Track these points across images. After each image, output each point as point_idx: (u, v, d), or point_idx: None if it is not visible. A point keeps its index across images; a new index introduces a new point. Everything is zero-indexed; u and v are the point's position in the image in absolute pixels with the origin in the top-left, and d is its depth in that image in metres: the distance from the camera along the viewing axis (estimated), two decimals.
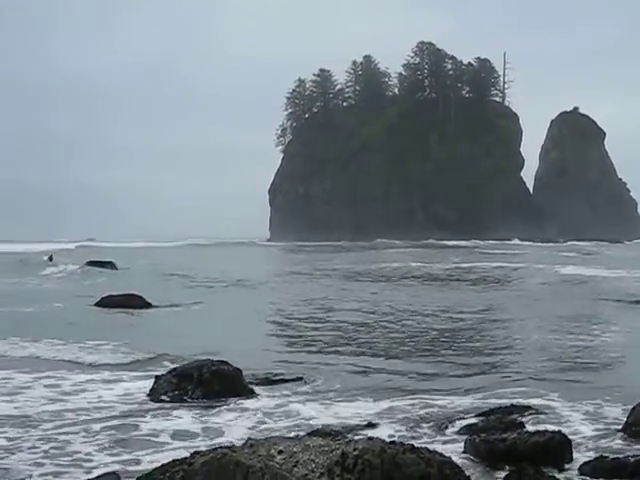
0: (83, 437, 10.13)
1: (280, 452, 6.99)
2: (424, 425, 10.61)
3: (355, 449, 7.06)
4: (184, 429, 10.52)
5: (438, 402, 12.05)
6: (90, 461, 9.16)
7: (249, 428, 10.60)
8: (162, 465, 7.12)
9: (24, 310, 25.36)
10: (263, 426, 10.72)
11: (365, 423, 10.64)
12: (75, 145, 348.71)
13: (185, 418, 11.12)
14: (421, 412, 11.42)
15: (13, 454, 9.37)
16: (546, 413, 11.13)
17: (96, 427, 10.61)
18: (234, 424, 10.81)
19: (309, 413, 11.39)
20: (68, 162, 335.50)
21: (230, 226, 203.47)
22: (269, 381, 13.72)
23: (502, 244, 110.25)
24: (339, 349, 17.56)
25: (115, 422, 10.88)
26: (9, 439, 10.01)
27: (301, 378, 13.92)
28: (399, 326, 21.46)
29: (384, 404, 11.98)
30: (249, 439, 7.48)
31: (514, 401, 11.65)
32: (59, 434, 10.26)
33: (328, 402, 12.13)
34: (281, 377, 14.04)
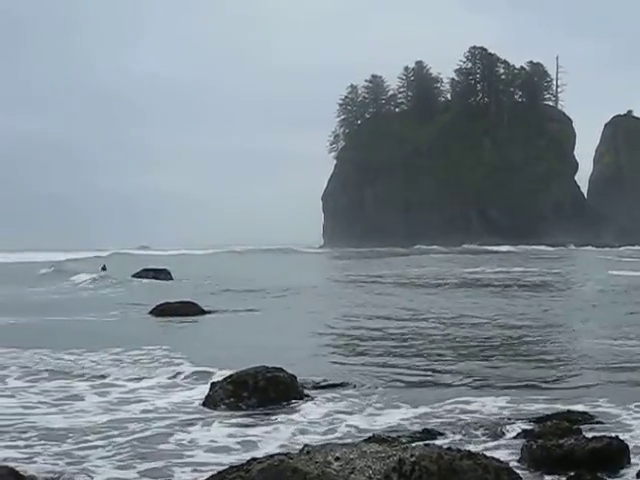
0: (141, 444, 10.25)
1: (337, 459, 7.01)
2: (478, 431, 10.54)
3: (412, 455, 7.06)
4: (240, 436, 10.58)
5: (491, 408, 11.99)
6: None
7: (304, 435, 10.62)
8: (219, 472, 7.17)
9: (83, 319, 25.65)
10: (318, 433, 10.74)
11: (420, 429, 10.61)
12: (126, 153, 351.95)
13: (240, 425, 11.19)
14: (475, 418, 11.37)
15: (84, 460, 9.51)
16: (603, 419, 11.05)
17: (152, 435, 10.73)
18: (289, 431, 10.84)
19: (362, 420, 11.40)
20: (119, 170, 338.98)
21: (281, 233, 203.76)
22: (323, 387, 13.73)
23: (557, 250, 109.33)
24: (391, 355, 17.49)
25: (171, 430, 10.99)
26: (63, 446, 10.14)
27: (354, 385, 13.92)
28: (450, 332, 21.35)
29: (436, 410, 11.95)
30: (306, 446, 7.51)
31: (570, 407, 11.58)
32: (118, 443, 10.38)
33: (380, 408, 12.13)
34: (334, 383, 14.05)
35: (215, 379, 13.23)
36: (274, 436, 10.58)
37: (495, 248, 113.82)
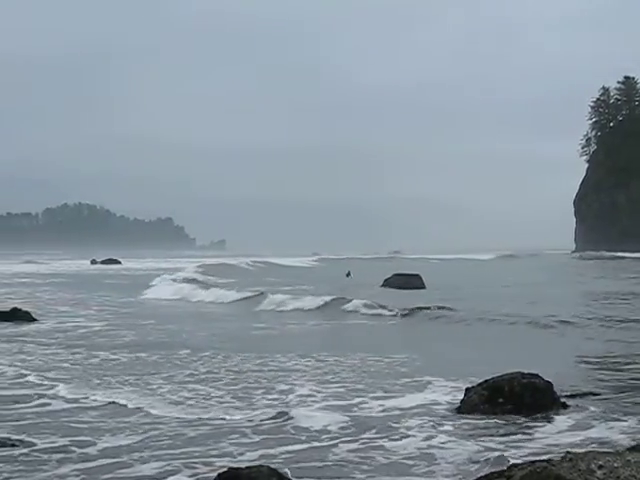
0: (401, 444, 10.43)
1: (600, 467, 6.89)
2: None
3: None
4: (495, 442, 10.56)
5: None
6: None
7: (559, 442, 10.46)
8: (479, 477, 7.21)
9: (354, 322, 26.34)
10: (574, 441, 10.55)
11: None
12: (385, 162, 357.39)
13: (495, 431, 11.17)
14: None
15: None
16: None
17: (405, 436, 10.92)
18: (545, 438, 10.73)
19: (621, 429, 11.12)
20: (379, 178, 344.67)
21: (530, 237, 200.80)
22: (579, 396, 13.47)
23: None
24: None
25: (425, 433, 11.13)
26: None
27: (610, 395, 13.58)
28: None
29: None
30: (567, 453, 7.42)
31: None
32: (370, 442, 10.60)
33: None
34: (590, 392, 13.76)
35: (470, 384, 13.21)
36: (529, 443, 10.50)
37: None
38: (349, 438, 10.86)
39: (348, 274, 56.14)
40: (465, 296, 36.72)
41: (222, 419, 12.06)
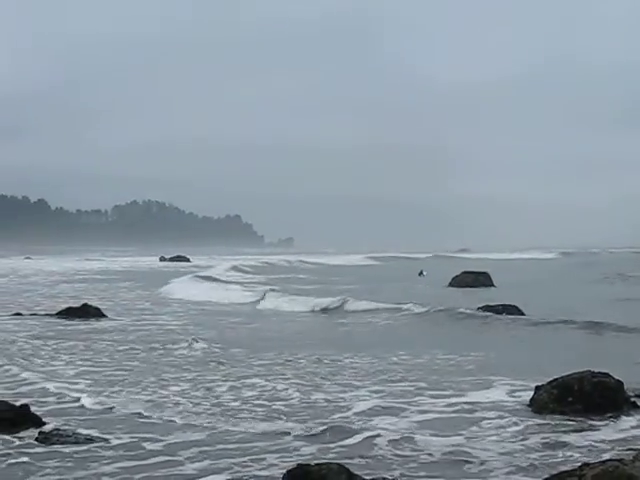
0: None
1: None
2: None
3: None
4: (564, 440, 10.52)
5: None
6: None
7: (630, 442, 10.37)
8: (551, 476, 7.17)
9: None
10: None
11: None
12: (454, 159, 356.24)
13: (565, 429, 11.10)
14: None
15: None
16: None
17: (478, 429, 10.92)
18: (615, 437, 10.65)
19: None
20: (444, 176, 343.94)
21: (593, 234, 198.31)
22: None
23: None
24: None
25: (495, 431, 11.13)
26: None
27: None
28: None
29: None
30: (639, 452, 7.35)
31: None
32: (440, 439, 10.61)
33: None
34: None
35: (540, 382, 13.13)
36: (600, 442, 10.41)
37: None
38: (422, 436, 10.90)
39: (421, 273, 55.98)
40: (534, 295, 36.41)
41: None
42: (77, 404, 12.88)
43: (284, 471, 8.46)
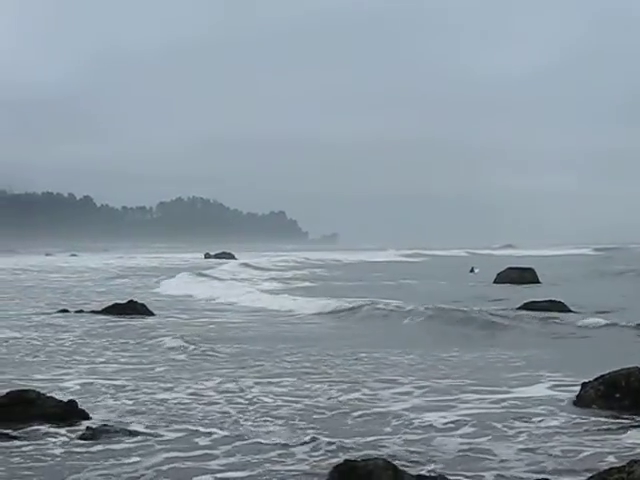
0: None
1: None
2: None
3: None
4: (613, 438, 10.43)
5: None
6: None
7: None
8: (599, 473, 7.15)
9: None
10: None
11: None
12: (496, 153, 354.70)
13: (612, 426, 11.04)
14: None
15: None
16: None
17: (532, 428, 10.88)
18: None
19: None
20: (487, 170, 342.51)
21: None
22: None
23: None
24: None
25: (546, 426, 11.10)
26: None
27: None
28: None
29: None
30: None
31: None
32: (488, 434, 10.58)
33: None
34: None
35: (587, 379, 13.05)
36: None
37: None
38: (468, 431, 10.91)
39: (472, 270, 55.62)
40: (580, 291, 36.20)
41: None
42: (123, 400, 12.96)
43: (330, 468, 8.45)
